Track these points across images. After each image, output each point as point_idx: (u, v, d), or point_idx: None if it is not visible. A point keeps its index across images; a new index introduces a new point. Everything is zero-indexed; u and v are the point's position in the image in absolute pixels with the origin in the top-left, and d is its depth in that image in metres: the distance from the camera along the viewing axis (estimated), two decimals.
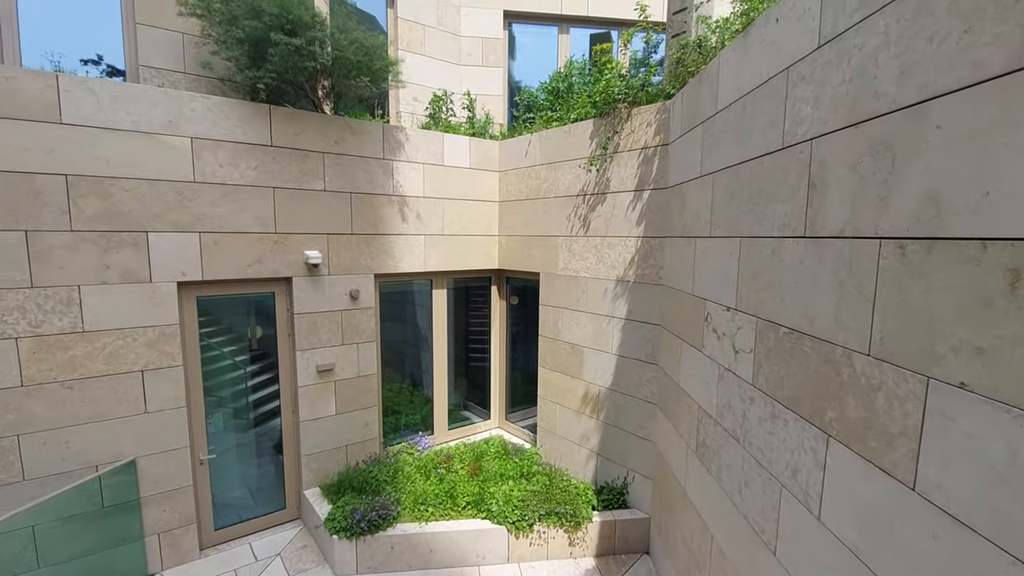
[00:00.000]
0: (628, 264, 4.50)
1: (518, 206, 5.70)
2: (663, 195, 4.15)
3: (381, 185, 5.04)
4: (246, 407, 4.94)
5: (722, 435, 2.92)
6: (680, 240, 3.72)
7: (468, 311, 6.58)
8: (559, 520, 4.40)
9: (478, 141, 5.74)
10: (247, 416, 4.96)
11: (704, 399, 3.20)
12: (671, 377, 3.91)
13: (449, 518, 4.43)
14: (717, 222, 3.02)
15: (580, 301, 5.00)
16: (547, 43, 7.00)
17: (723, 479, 2.90)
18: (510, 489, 4.65)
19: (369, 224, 5.01)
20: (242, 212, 4.30)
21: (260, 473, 5.02)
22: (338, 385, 4.98)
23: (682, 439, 3.63)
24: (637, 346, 4.48)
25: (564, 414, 5.31)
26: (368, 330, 5.12)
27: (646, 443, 4.50)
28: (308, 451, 4.89)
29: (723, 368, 2.91)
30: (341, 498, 4.55)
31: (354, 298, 4.96)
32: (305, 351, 4.75)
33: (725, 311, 2.89)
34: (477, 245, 5.89)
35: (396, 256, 5.24)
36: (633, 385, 4.55)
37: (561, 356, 5.28)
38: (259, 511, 4.89)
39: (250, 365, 4.88)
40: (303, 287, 4.68)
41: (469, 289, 6.54)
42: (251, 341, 4.87)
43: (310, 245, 4.67)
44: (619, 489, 4.75)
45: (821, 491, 1.98)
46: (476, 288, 6.48)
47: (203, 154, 4.10)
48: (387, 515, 4.26)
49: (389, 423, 5.81)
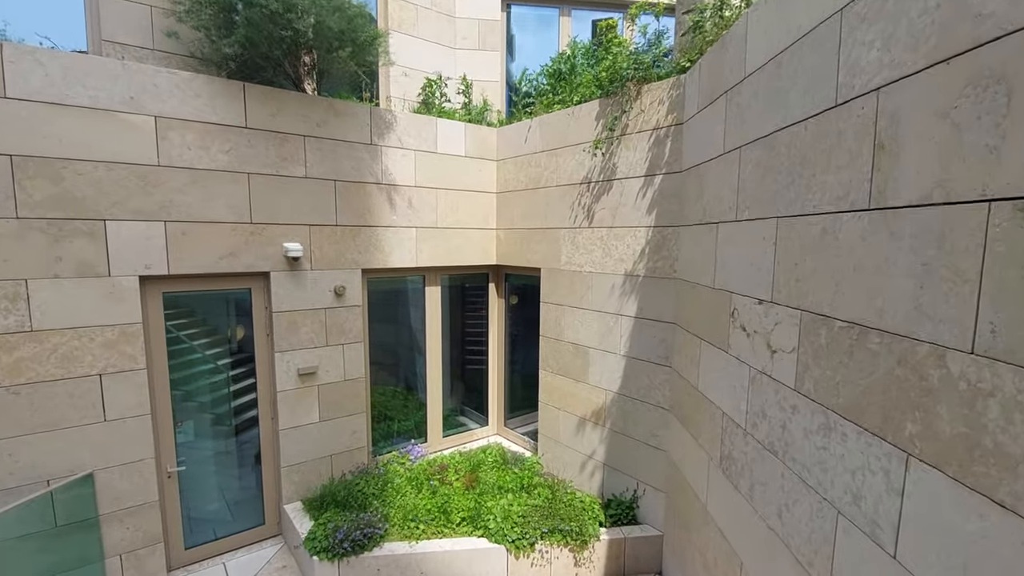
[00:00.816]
0: (638, 257, 4.11)
1: (517, 197, 5.31)
2: (677, 179, 3.76)
3: (369, 172, 4.65)
4: (226, 413, 4.53)
5: (754, 448, 2.52)
6: (698, 228, 3.33)
7: (464, 311, 6.19)
8: (563, 538, 3.99)
9: (474, 127, 5.35)
10: (227, 423, 4.54)
11: (731, 406, 2.81)
12: (688, 381, 3.52)
13: (442, 536, 4.03)
14: (746, 203, 2.64)
15: (585, 298, 4.61)
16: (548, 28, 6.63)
17: (756, 499, 2.50)
18: (509, 503, 4.25)
19: (355, 215, 4.62)
20: (213, 200, 3.91)
21: (240, 485, 4.61)
22: (322, 390, 4.58)
23: (702, 450, 3.24)
24: (648, 347, 4.08)
25: (567, 421, 4.92)
26: (355, 330, 4.72)
27: (658, 453, 4.10)
28: (289, 462, 4.48)
29: (755, 371, 2.52)
30: (323, 514, 4.15)
31: (339, 295, 4.56)
32: (285, 352, 4.35)
33: (756, 304, 2.50)
34: (473, 239, 5.50)
35: (385, 250, 4.84)
36: (644, 389, 4.15)
37: (564, 358, 4.88)
38: (236, 527, 4.48)
39: (231, 369, 4.48)
40: (282, 283, 4.28)
41: (465, 288, 6.15)
42: (231, 341, 4.47)
43: (290, 237, 4.28)
44: (628, 503, 4.35)
45: (898, 523, 1.59)
46: (473, 287, 6.08)
47: (169, 135, 3.71)
48: (373, 534, 3.85)
49: (379, 431, 5.41)
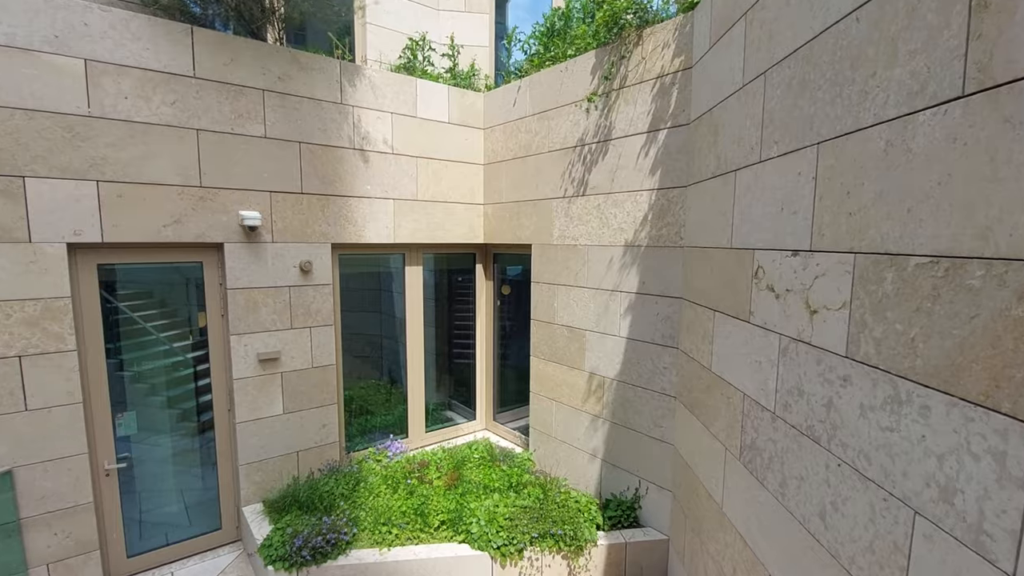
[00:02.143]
0: (639, 224, 3.64)
1: (506, 168, 4.84)
2: (684, 133, 3.30)
3: (339, 135, 4.17)
4: (182, 403, 4.02)
5: (787, 434, 2.06)
6: (710, 182, 2.87)
7: (450, 296, 5.71)
8: (556, 544, 3.51)
9: (459, 92, 4.88)
10: (183, 414, 4.04)
11: (754, 386, 2.34)
12: (698, 362, 3.05)
13: (418, 542, 3.54)
14: (773, 138, 2.17)
15: (580, 274, 4.14)
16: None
17: (790, 497, 2.03)
18: (495, 504, 3.77)
19: (324, 182, 4.13)
20: (156, 158, 3.42)
21: (196, 485, 4.10)
22: (286, 378, 4.09)
23: (716, 441, 2.77)
24: (651, 325, 3.62)
25: (561, 412, 4.44)
26: (324, 312, 4.23)
27: (663, 446, 3.63)
28: (248, 459, 3.99)
29: (787, 340, 2.05)
30: (284, 517, 3.66)
31: (305, 272, 4.08)
32: (243, 335, 3.86)
33: (789, 257, 2.03)
34: (458, 215, 5.02)
35: (358, 223, 4.36)
36: (646, 374, 3.68)
37: (558, 342, 4.41)
38: (191, 532, 3.99)
39: (191, 352, 3.98)
40: (239, 256, 3.80)
41: (451, 271, 5.68)
42: (192, 323, 3.97)
43: (247, 204, 3.79)
44: (629, 503, 3.87)
45: (1022, 528, 1.12)
46: (458, 269, 5.61)
47: (102, 81, 3.22)
48: (338, 540, 3.36)
49: (356, 426, 4.92)
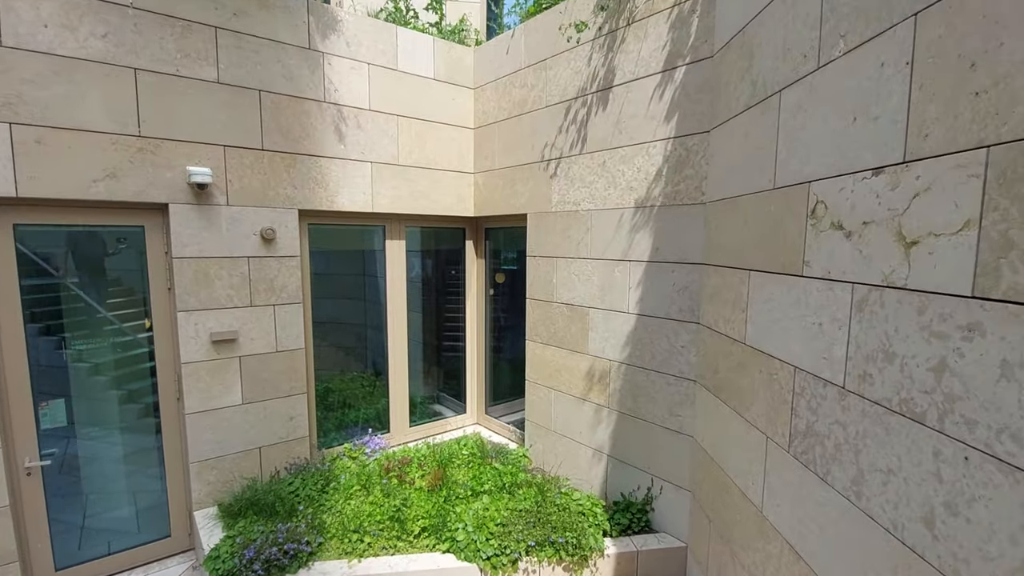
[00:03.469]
0: (652, 181, 3.14)
1: (498, 130, 4.33)
2: (707, 67, 2.80)
3: (307, 86, 3.65)
4: (132, 390, 3.48)
5: (865, 413, 1.55)
6: (743, 117, 2.36)
7: (438, 278, 5.20)
8: (556, 553, 3.00)
9: (446, 44, 4.37)
10: (134, 403, 3.49)
11: (810, 356, 1.83)
12: (727, 336, 2.55)
13: (395, 551, 3.02)
14: (839, 31, 1.67)
15: (582, 244, 3.63)
16: None
17: (871, 496, 1.53)
18: (485, 508, 3.25)
19: (289, 139, 3.61)
20: (84, 99, 2.90)
21: (148, 486, 3.55)
22: (246, 363, 3.57)
23: (753, 429, 2.26)
24: (666, 298, 3.11)
25: (561, 402, 3.93)
26: (290, 288, 3.71)
27: (680, 438, 3.13)
28: (201, 455, 3.46)
29: (866, 288, 1.55)
30: (238, 523, 3.13)
31: (268, 241, 3.55)
32: (192, 312, 3.33)
33: (870, 179, 1.53)
34: (446, 184, 4.51)
35: (330, 187, 3.84)
36: (661, 355, 3.18)
37: (557, 323, 3.90)
38: (137, 540, 3.46)
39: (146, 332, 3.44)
40: (187, 220, 3.27)
41: (439, 252, 5.16)
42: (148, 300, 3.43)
43: (197, 159, 3.27)
44: (640, 505, 3.37)
45: None
46: (447, 249, 5.09)
47: (15, 6, 2.70)
48: (298, 551, 2.84)
49: (333, 420, 4.40)
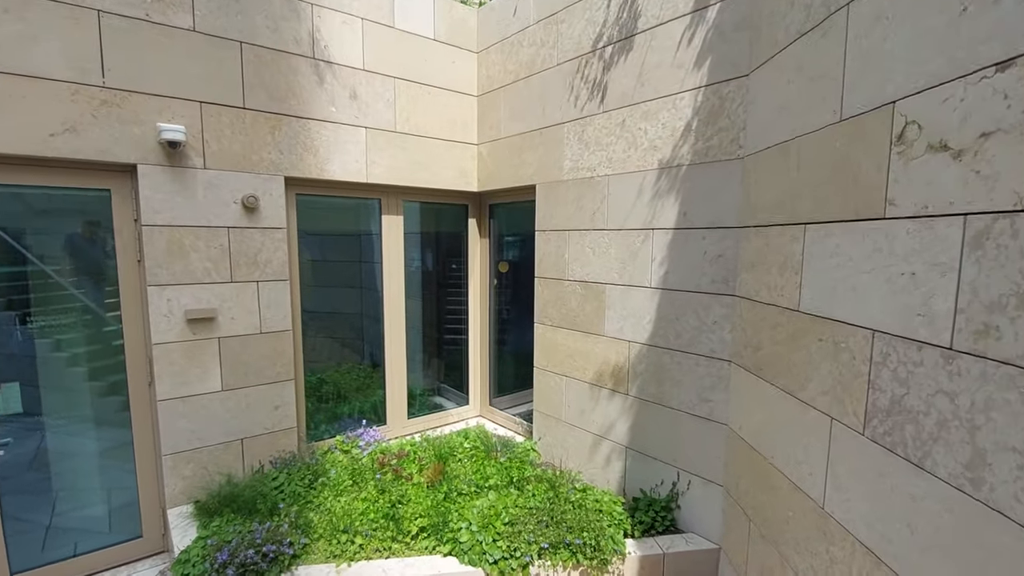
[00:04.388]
0: (679, 138, 2.80)
1: (504, 95, 3.99)
2: (744, 1, 2.46)
3: (293, 39, 3.31)
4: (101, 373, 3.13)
5: (988, 379, 1.20)
6: (797, 46, 2.02)
7: (438, 259, 4.86)
8: (572, 556, 2.65)
9: (447, 3, 4.02)
10: (103, 387, 3.14)
11: (896, 317, 1.48)
12: (774, 305, 2.20)
13: (390, 554, 2.68)
14: None
15: (598, 214, 3.28)
16: None
17: (995, 485, 1.18)
18: (491, 505, 2.91)
19: (274, 97, 3.27)
20: (39, 42, 2.56)
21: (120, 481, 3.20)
22: (225, 345, 3.23)
23: (810, 409, 1.91)
24: (696, 269, 2.76)
25: (574, 390, 3.59)
26: (276, 263, 3.37)
27: (711, 426, 2.78)
28: (175, 447, 3.12)
29: (986, 219, 1.20)
30: (214, 521, 2.79)
31: (250, 209, 3.21)
32: (165, 287, 2.99)
33: (991, 77, 1.19)
34: (447, 155, 4.17)
35: (320, 154, 3.50)
36: (689, 334, 2.83)
37: (570, 303, 3.56)
38: (106, 541, 3.11)
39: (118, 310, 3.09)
40: (159, 183, 2.93)
41: (440, 235, 4.82)
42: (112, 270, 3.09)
43: (170, 115, 2.93)
44: (664, 501, 3.02)
45: None
46: (448, 232, 4.75)
47: None
48: (278, 553, 2.49)
49: (326, 412, 4.06)
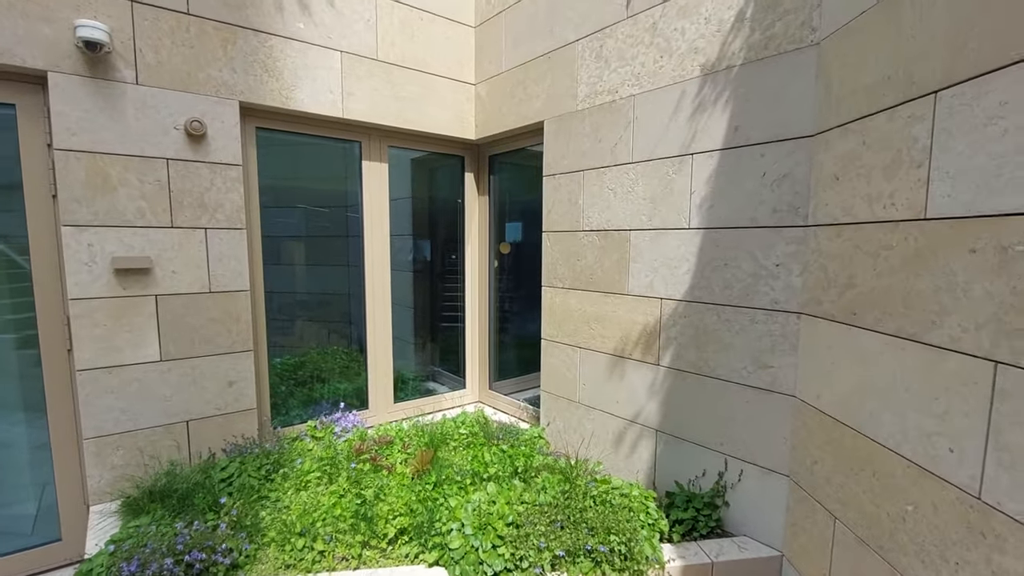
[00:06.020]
0: (728, 33, 2.20)
1: (506, 19, 3.41)
2: None
3: None
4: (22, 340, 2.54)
5: None
6: None
7: (430, 222, 4.27)
8: (595, 567, 2.05)
9: None
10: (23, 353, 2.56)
11: None
12: (880, 220, 1.60)
13: (359, 563, 2.07)
14: None
15: (620, 146, 2.69)
16: None
17: None
18: (490, 500, 2.30)
19: (227, 4, 2.68)
20: None
21: (42, 474, 2.61)
22: (165, 304, 2.63)
23: (953, 356, 1.31)
24: (752, 197, 2.17)
25: (590, 364, 2.98)
26: (229, 207, 2.77)
27: (772, 399, 2.18)
28: (101, 430, 2.52)
29: None
30: (139, 520, 2.19)
31: (196, 138, 2.62)
32: (84, 228, 2.40)
33: None
34: (441, 94, 3.58)
35: (285, 78, 2.91)
36: (743, 283, 2.23)
37: (585, 258, 2.96)
38: (20, 544, 2.52)
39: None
40: (76, 98, 2.34)
41: (433, 190, 4.24)
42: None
43: (91, 12, 2.35)
44: (707, 496, 2.41)
45: None
46: (442, 199, 4.17)
47: None
48: (209, 563, 1.89)
49: (300, 395, 3.47)
